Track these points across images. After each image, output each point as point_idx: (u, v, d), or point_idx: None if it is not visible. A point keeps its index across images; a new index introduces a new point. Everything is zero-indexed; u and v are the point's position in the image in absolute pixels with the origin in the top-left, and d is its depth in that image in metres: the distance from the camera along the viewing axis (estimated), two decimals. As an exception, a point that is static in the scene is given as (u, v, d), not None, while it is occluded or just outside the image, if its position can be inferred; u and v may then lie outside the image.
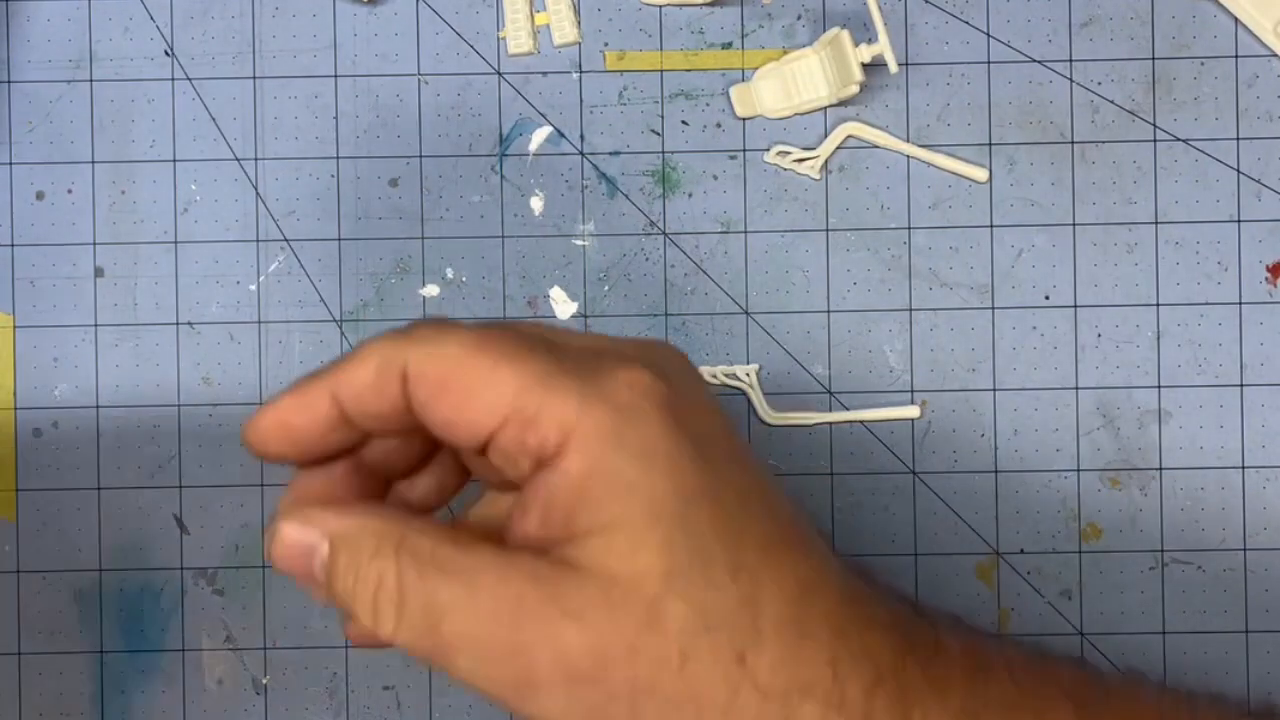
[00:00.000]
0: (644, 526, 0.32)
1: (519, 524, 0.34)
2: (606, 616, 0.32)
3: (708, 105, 0.49)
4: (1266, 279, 0.48)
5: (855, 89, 0.47)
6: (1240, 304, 0.48)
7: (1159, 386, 0.48)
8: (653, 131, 0.49)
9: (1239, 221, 0.48)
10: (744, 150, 0.49)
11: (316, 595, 0.34)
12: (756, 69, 0.49)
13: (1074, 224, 0.49)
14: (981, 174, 0.49)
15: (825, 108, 0.49)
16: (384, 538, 0.33)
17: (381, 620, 0.33)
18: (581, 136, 0.49)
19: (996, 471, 0.48)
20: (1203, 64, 0.49)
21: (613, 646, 0.32)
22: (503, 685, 0.33)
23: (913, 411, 0.48)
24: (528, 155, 0.49)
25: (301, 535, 0.34)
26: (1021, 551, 0.48)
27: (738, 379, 0.48)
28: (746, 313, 0.49)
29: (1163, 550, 0.48)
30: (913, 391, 0.49)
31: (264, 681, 0.48)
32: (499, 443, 0.33)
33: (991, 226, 0.49)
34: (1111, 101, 0.49)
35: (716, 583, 0.32)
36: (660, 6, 0.49)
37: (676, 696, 0.32)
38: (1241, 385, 0.48)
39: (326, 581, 0.34)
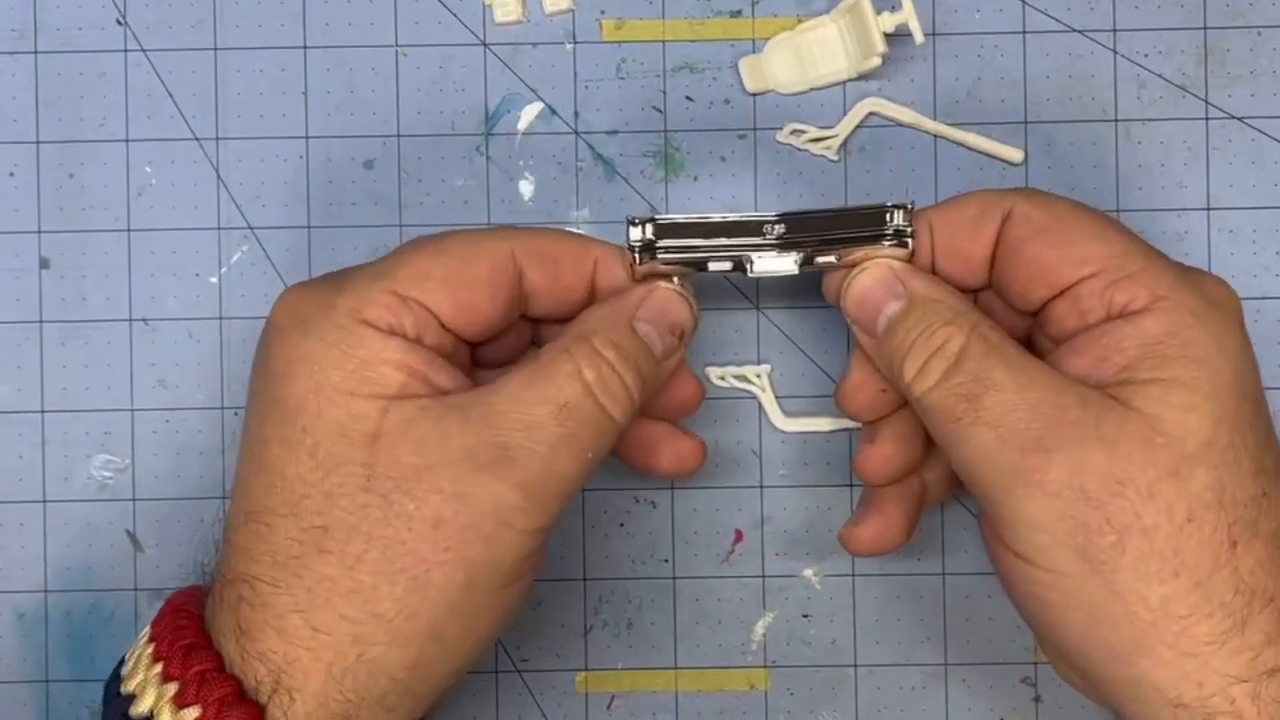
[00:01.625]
0: (1203, 394, 0.38)
1: (1068, 364, 0.40)
2: (1140, 451, 0.38)
3: (714, 79, 0.49)
4: (1330, 270, 0.48)
5: (877, 61, 0.47)
6: (1301, 298, 0.48)
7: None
8: (654, 108, 0.49)
9: (1300, 207, 0.48)
10: (754, 129, 0.49)
11: (865, 339, 0.42)
12: (768, 39, 0.49)
13: (1118, 210, 0.48)
14: (1016, 155, 0.48)
15: (844, 82, 0.49)
16: (961, 313, 0.41)
17: (925, 375, 0.40)
18: (575, 114, 0.49)
19: None
20: (1260, 34, 0.49)
21: (1134, 480, 0.37)
22: (1005, 472, 0.38)
23: None
24: (516, 134, 0.49)
25: (889, 283, 0.41)
26: None
27: (747, 381, 0.48)
28: (757, 307, 0.49)
29: None
30: None
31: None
32: (1079, 289, 0.40)
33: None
34: (1159, 75, 0.49)
35: (1241, 473, 0.38)
36: (662, -30, 0.49)
37: (1164, 549, 0.37)
38: (1303, 387, 0.48)
39: (885, 331, 0.41)
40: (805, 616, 0.49)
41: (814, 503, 0.48)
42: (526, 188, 0.49)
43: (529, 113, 0.49)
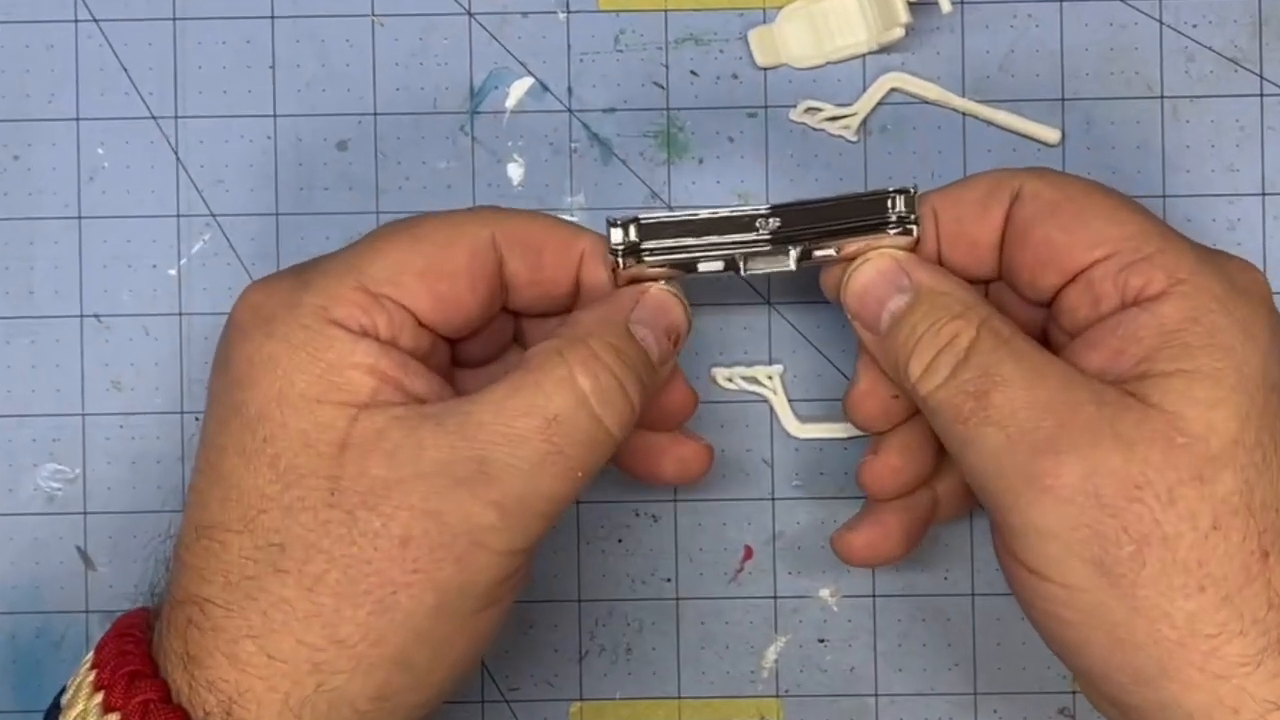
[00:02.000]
0: (1229, 387, 0.37)
1: (1083, 359, 0.39)
2: (1159, 452, 0.37)
3: (721, 52, 0.48)
4: (1396, 261, 0.48)
5: (900, 32, 0.47)
6: (1365, 292, 0.48)
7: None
8: (655, 84, 0.48)
9: (1363, 193, 0.48)
10: (765, 107, 0.48)
11: (868, 336, 0.41)
12: (780, 9, 0.48)
13: (1164, 195, 0.48)
14: (1052, 135, 0.48)
15: (864, 55, 0.48)
16: (971, 305, 0.40)
17: (932, 373, 0.39)
18: (569, 90, 0.48)
19: None
20: (1320, 2, 0.48)
21: (1152, 483, 0.36)
22: (1014, 476, 0.37)
23: None
24: (504, 112, 0.48)
25: (894, 276, 0.41)
26: None
27: (758, 383, 0.48)
28: (769, 303, 0.48)
29: None
30: None
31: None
32: (1092, 274, 0.39)
33: (1065, 198, 0.48)
34: (1209, 48, 0.48)
35: (1271, 474, 0.37)
36: (664, -68, 0.49)
37: (1188, 559, 0.36)
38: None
39: (890, 327, 0.41)
40: (821, 641, 0.48)
41: (830, 516, 0.47)
42: (515, 171, 0.48)
43: (518, 89, 0.48)
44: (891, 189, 0.41)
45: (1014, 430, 0.37)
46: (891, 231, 0.41)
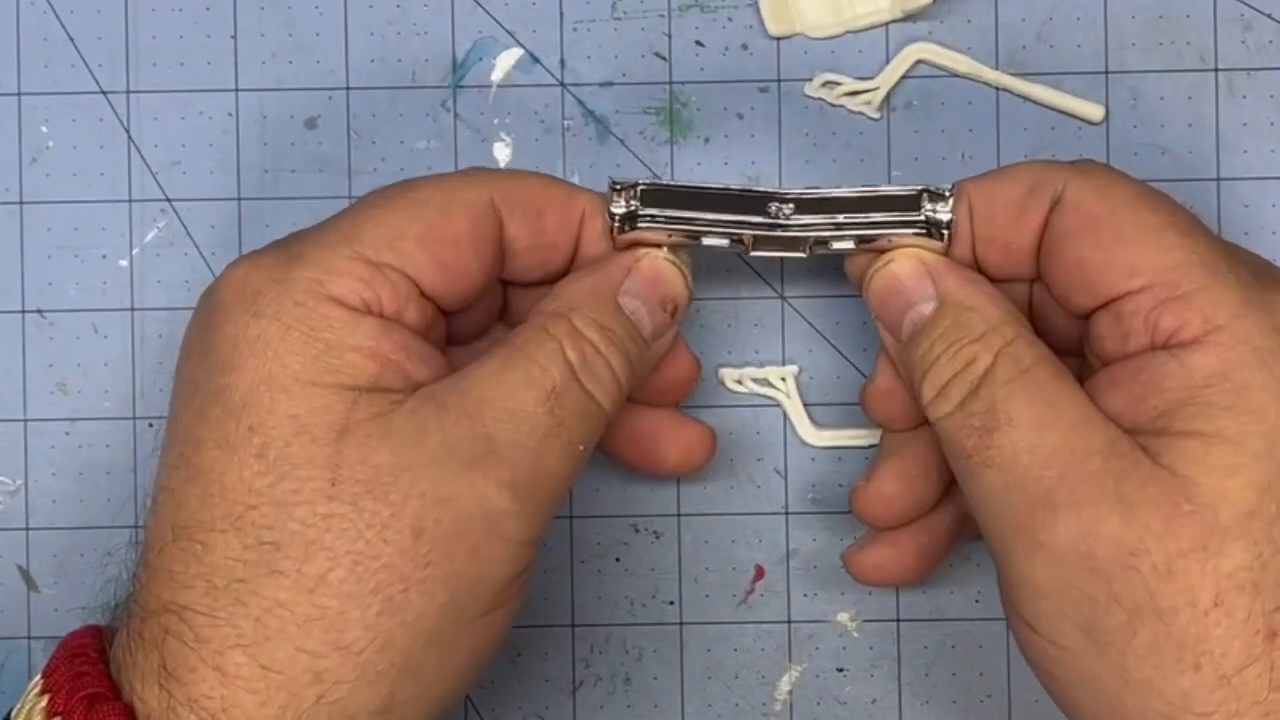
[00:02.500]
0: (1251, 454, 0.36)
1: (1104, 396, 0.38)
2: (1162, 520, 0.36)
3: (730, 20, 0.48)
4: None
5: None
6: None
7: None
8: (657, 55, 0.48)
9: None
10: (778, 80, 0.48)
11: (890, 339, 0.41)
12: None
13: (1218, 179, 0.48)
14: (1095, 112, 0.48)
15: (887, 24, 0.48)
16: (995, 327, 0.39)
17: (943, 399, 0.38)
18: (562, 62, 0.48)
19: None
20: (1392, -36, 0.48)
21: (1150, 551, 0.36)
22: (1011, 523, 0.37)
23: None
24: (490, 87, 0.48)
25: (919, 283, 0.40)
26: None
27: (770, 385, 0.47)
28: (782, 297, 0.48)
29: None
30: None
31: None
32: (1123, 306, 0.38)
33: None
34: (1268, 15, 0.48)
35: None
36: (667, -114, 0.49)
37: (1184, 637, 0.36)
38: None
39: (910, 338, 0.40)
40: (840, 670, 0.47)
41: (849, 532, 0.47)
42: (502, 151, 0.48)
43: (505, 60, 0.48)
44: (924, 188, 0.41)
45: (1013, 477, 0.37)
46: (909, 233, 0.40)
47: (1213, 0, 0.47)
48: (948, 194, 0.41)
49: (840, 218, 0.41)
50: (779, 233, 0.41)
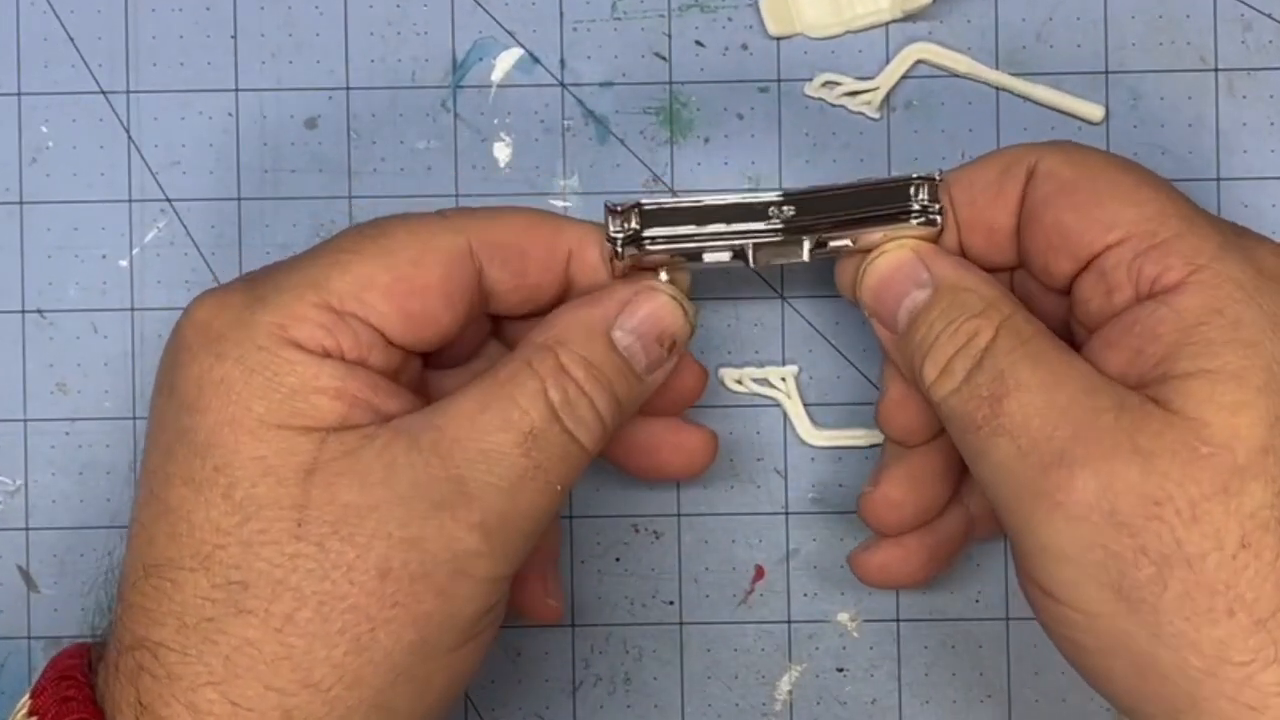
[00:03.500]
0: (1255, 388, 0.36)
1: (1103, 360, 0.39)
2: (1180, 466, 0.36)
3: (730, 20, 0.48)
4: None
5: None
6: None
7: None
8: (657, 55, 0.48)
9: None
10: (778, 80, 0.48)
11: (886, 334, 0.41)
12: None
13: (1218, 179, 0.48)
14: (1095, 112, 0.48)
15: (887, 23, 0.48)
16: (993, 303, 0.40)
17: (947, 376, 0.39)
18: (562, 62, 0.48)
19: None
20: (1393, -37, 0.48)
21: (1173, 499, 0.36)
22: (1027, 490, 0.37)
23: None
24: (490, 87, 0.48)
25: (912, 270, 0.41)
26: None
27: (770, 385, 0.48)
28: (782, 296, 0.48)
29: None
30: None
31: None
32: (1104, 261, 0.39)
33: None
34: (1269, 16, 0.48)
35: None
36: (667, -114, 0.49)
37: (1212, 582, 0.36)
38: None
39: (907, 326, 0.41)
40: (840, 670, 0.47)
41: (850, 532, 0.47)
42: (502, 151, 0.48)
43: (505, 60, 0.48)
44: (915, 175, 0.41)
45: (1026, 441, 0.37)
46: (914, 221, 0.41)
47: (1213, 0, 0.47)
48: (936, 177, 0.41)
49: (839, 214, 0.41)
50: (781, 238, 0.41)
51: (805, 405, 0.47)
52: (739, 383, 0.47)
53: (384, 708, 0.37)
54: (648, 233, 0.41)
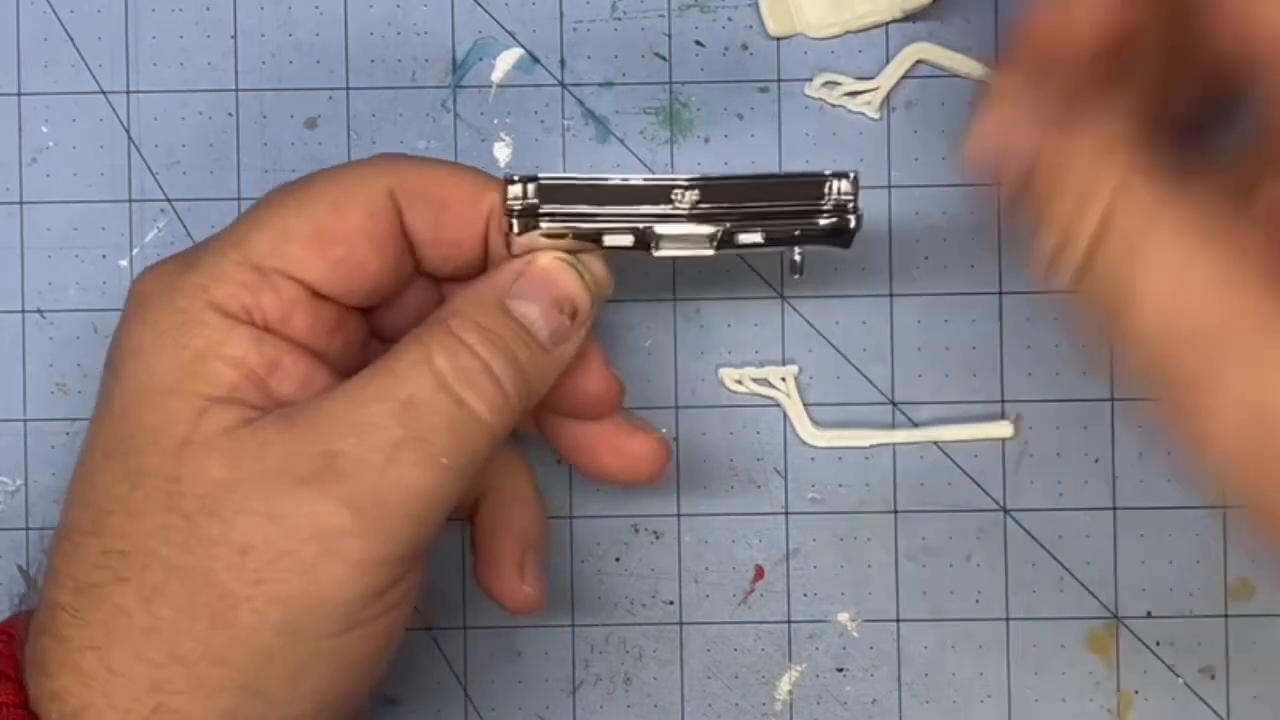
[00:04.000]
0: None
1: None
2: None
3: (730, 20, 0.48)
4: None
5: None
6: None
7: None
8: (657, 55, 0.48)
9: None
10: (778, 80, 0.48)
11: (1010, 198, 0.36)
12: None
13: None
14: None
15: (887, 23, 0.48)
16: (1109, 171, 0.35)
17: (1068, 256, 0.35)
18: (562, 62, 0.48)
19: (1115, 509, 0.48)
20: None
21: None
22: (1178, 374, 0.34)
23: (1004, 429, 0.48)
24: (490, 87, 0.48)
25: (1017, 133, 0.36)
26: (1149, 615, 0.48)
27: (770, 385, 0.48)
28: (782, 296, 0.48)
29: (1339, 614, 0.48)
30: (1003, 402, 0.48)
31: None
32: None
33: (1109, 182, 0.48)
34: None
35: None
36: (667, -114, 0.49)
37: None
38: None
39: (1033, 193, 0.36)
40: (840, 670, 0.48)
41: (850, 532, 0.47)
42: (502, 151, 0.48)
43: (505, 60, 0.48)
44: (829, 172, 0.40)
45: (1170, 326, 0.34)
46: (824, 222, 0.40)
47: None
48: (852, 174, 0.40)
49: (747, 206, 0.41)
50: (685, 226, 0.40)
51: (805, 405, 0.47)
52: (739, 383, 0.47)
53: (252, 689, 0.37)
54: (545, 208, 0.40)
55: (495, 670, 0.47)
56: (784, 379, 0.47)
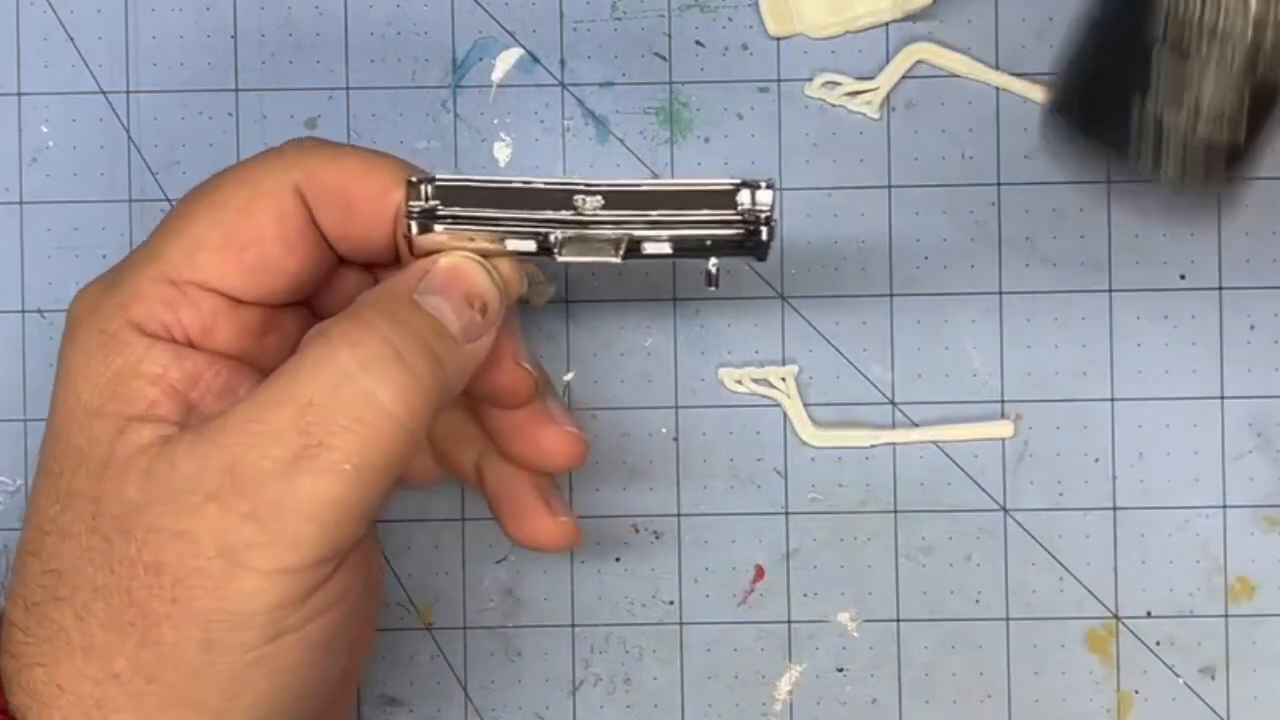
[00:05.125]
0: None
1: None
2: None
3: (730, 20, 0.48)
4: None
5: None
6: None
7: (1334, 395, 0.48)
8: (657, 55, 0.48)
9: None
10: (778, 80, 0.48)
11: None
12: None
13: None
14: None
15: (887, 23, 0.48)
16: None
17: None
18: (562, 62, 0.48)
19: (1115, 509, 0.48)
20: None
21: None
22: None
23: (1004, 429, 0.48)
24: (490, 87, 0.48)
25: None
26: (1148, 615, 0.48)
27: (770, 385, 0.48)
28: (782, 296, 0.48)
29: (1338, 614, 0.48)
30: (1003, 402, 0.48)
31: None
32: None
33: (1109, 181, 0.48)
34: None
35: None
36: (667, -114, 0.49)
37: None
38: None
39: None
40: (840, 670, 0.48)
41: (850, 532, 0.48)
42: (502, 151, 0.48)
43: (505, 60, 0.48)
44: (739, 181, 0.39)
45: None
46: (732, 231, 0.39)
47: None
48: (766, 183, 0.39)
49: (653, 214, 0.39)
50: (588, 231, 0.39)
51: (805, 405, 0.47)
52: (738, 383, 0.47)
53: (190, 704, 0.37)
54: (444, 210, 0.39)
55: (495, 670, 0.47)
56: (784, 379, 0.47)
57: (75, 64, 0.48)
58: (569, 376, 0.47)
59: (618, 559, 0.47)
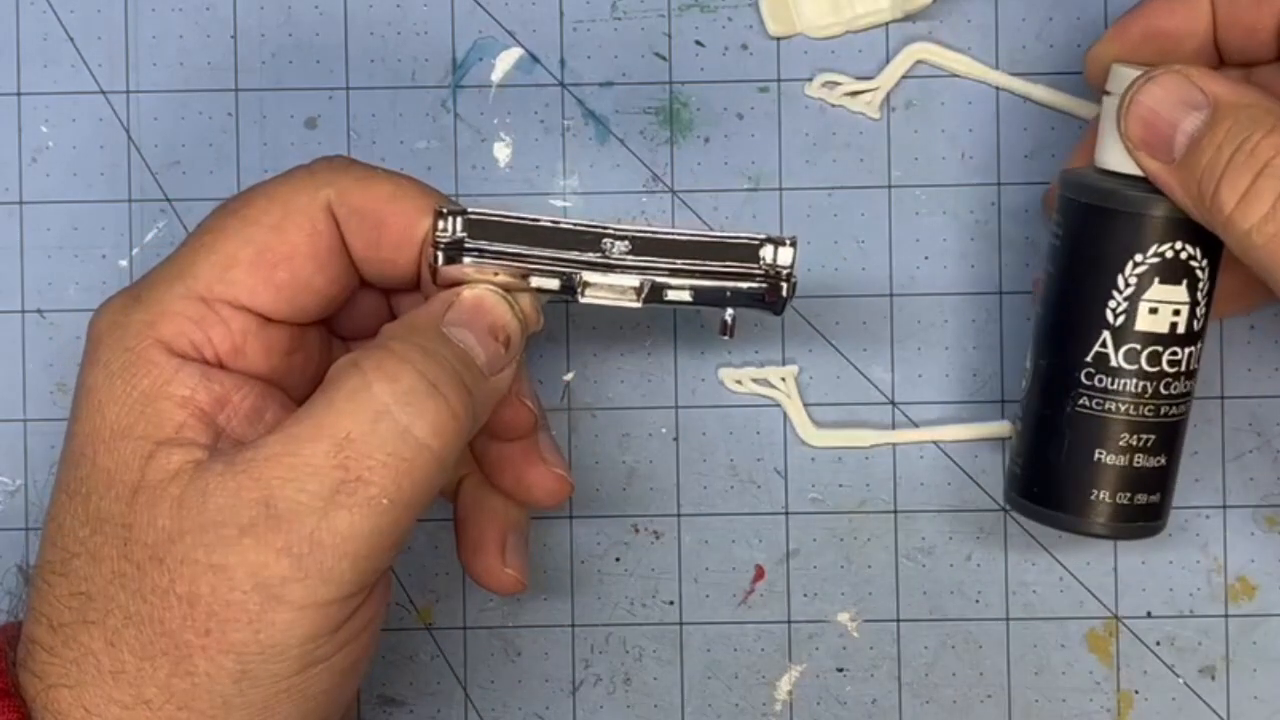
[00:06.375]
0: None
1: None
2: None
3: (730, 20, 0.48)
4: None
5: None
6: None
7: (1333, 395, 0.47)
8: (657, 55, 0.48)
9: None
10: (778, 80, 0.48)
11: (1156, 166, 0.40)
12: None
13: None
14: (1096, 111, 0.46)
15: (887, 23, 0.49)
16: None
17: (1251, 204, 0.37)
18: (562, 62, 0.48)
19: None
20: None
21: None
22: None
23: (1003, 429, 0.48)
24: (490, 86, 0.49)
25: (1184, 91, 0.39)
26: (1149, 615, 0.48)
27: (770, 385, 0.48)
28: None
29: (1338, 614, 0.47)
30: (1003, 402, 0.48)
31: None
32: None
33: (1109, 182, 0.47)
34: None
35: None
36: (667, -113, 0.49)
37: None
38: None
39: (1187, 152, 0.39)
40: (840, 670, 0.48)
41: (850, 532, 0.48)
42: (502, 151, 0.48)
43: (505, 60, 0.48)
44: (765, 236, 0.40)
45: None
46: (746, 286, 0.40)
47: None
48: (790, 241, 0.40)
49: (678, 263, 0.40)
50: (612, 275, 0.40)
51: (805, 405, 0.48)
52: (739, 383, 0.48)
53: None
54: (471, 244, 0.39)
55: (495, 670, 0.47)
56: (784, 379, 0.48)
57: (75, 64, 0.48)
58: (569, 376, 0.48)
59: (618, 559, 0.48)
